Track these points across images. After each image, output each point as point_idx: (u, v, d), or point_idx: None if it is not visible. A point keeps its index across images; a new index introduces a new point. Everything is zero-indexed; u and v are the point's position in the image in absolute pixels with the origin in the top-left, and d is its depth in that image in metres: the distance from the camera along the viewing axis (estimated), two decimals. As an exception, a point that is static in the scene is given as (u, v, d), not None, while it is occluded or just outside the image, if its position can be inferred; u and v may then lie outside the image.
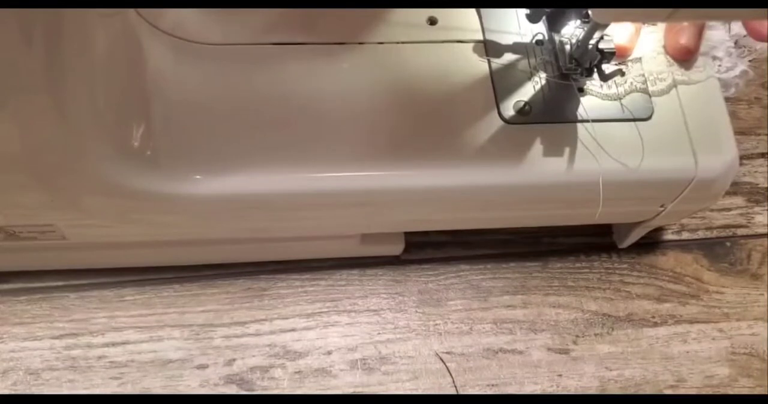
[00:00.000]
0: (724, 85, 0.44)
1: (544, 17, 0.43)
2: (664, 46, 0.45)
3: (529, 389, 0.48)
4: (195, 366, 0.47)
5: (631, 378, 0.49)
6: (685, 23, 0.44)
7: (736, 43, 0.44)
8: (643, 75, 0.44)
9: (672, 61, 0.45)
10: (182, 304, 0.49)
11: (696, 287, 0.53)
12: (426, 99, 0.42)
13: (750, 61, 0.44)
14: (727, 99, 0.45)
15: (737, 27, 0.44)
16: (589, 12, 0.39)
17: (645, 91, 0.43)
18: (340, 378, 0.47)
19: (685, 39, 0.44)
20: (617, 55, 0.42)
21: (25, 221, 0.41)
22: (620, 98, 0.43)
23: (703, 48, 0.44)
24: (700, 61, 0.45)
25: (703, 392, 0.49)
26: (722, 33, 0.45)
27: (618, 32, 0.42)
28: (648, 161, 0.42)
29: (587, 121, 0.42)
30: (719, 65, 0.44)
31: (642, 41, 0.44)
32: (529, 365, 0.49)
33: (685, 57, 0.44)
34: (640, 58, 0.44)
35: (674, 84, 0.44)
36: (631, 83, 0.43)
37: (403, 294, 0.50)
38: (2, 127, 0.33)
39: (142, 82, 0.39)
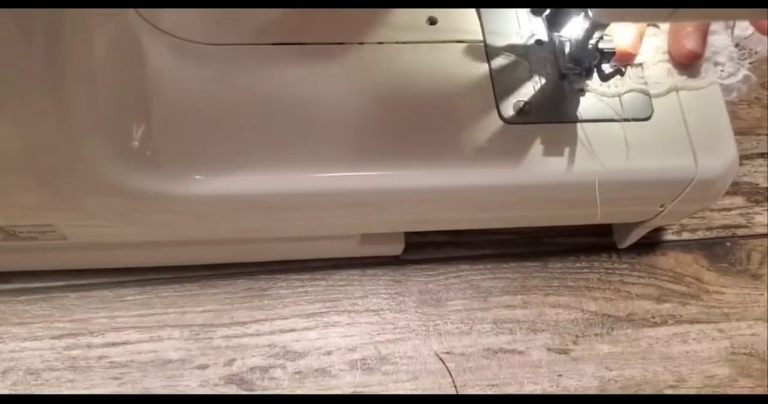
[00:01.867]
0: (726, 90, 0.44)
1: (543, 17, 0.43)
2: (669, 52, 0.44)
3: (529, 389, 0.48)
4: (195, 366, 0.47)
5: (631, 378, 0.49)
6: (690, 28, 0.43)
7: (737, 45, 0.44)
8: (643, 77, 0.44)
9: (673, 68, 0.44)
10: (182, 304, 0.49)
11: (696, 288, 0.53)
12: (426, 99, 0.42)
13: (750, 63, 0.44)
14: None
15: (740, 30, 0.44)
16: (589, 12, 0.39)
17: (645, 92, 0.43)
18: (340, 378, 0.47)
19: (691, 43, 0.43)
20: (621, 60, 0.41)
21: (25, 221, 0.41)
22: (620, 98, 0.43)
23: (705, 53, 0.44)
24: (702, 67, 0.44)
25: (703, 392, 0.49)
26: (725, 38, 0.44)
27: (621, 37, 0.42)
28: (648, 161, 0.42)
29: (587, 121, 0.42)
30: (721, 70, 0.44)
31: (643, 48, 0.44)
32: (529, 365, 0.49)
33: (690, 61, 0.44)
34: (641, 65, 0.44)
35: (675, 89, 0.44)
36: (632, 87, 0.43)
37: (403, 294, 0.50)
38: (2, 127, 0.33)
39: (141, 82, 0.39)
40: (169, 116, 0.40)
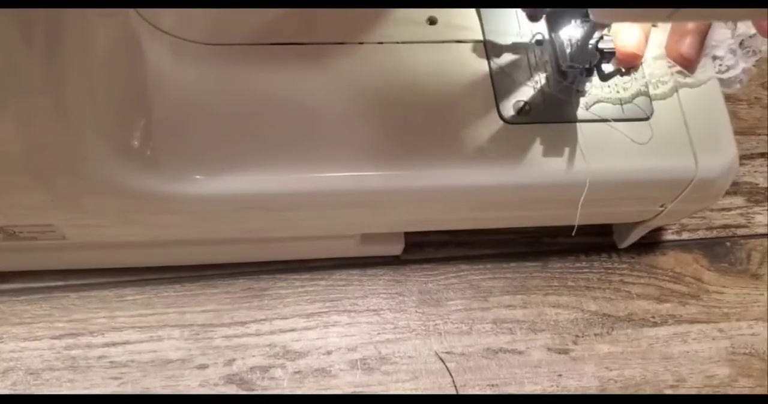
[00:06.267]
0: (727, 83, 0.44)
1: (544, 17, 0.43)
2: (666, 49, 0.44)
3: (529, 389, 0.48)
4: (195, 366, 0.47)
5: (631, 378, 0.49)
6: (688, 30, 0.43)
7: (741, 43, 0.44)
8: (645, 77, 0.44)
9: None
10: (182, 304, 0.49)
11: (696, 287, 0.53)
12: (426, 99, 0.42)
13: (755, 61, 0.44)
14: (727, 99, 0.45)
15: (743, 26, 0.44)
16: (589, 12, 0.39)
17: (645, 93, 0.43)
18: (340, 378, 0.47)
19: (685, 48, 0.43)
20: (626, 62, 0.41)
21: (25, 221, 0.41)
22: (621, 101, 0.43)
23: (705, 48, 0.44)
24: (701, 62, 0.44)
25: (703, 392, 0.49)
26: (725, 31, 0.44)
27: (626, 38, 0.41)
28: (648, 161, 0.42)
29: (587, 121, 0.42)
30: (720, 64, 0.44)
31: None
32: (529, 365, 0.49)
33: (683, 64, 0.44)
34: (641, 62, 0.44)
35: (676, 88, 0.44)
36: (637, 89, 0.43)
37: (403, 294, 0.50)
38: (2, 127, 0.33)
39: (142, 82, 0.39)
40: (169, 115, 0.40)
